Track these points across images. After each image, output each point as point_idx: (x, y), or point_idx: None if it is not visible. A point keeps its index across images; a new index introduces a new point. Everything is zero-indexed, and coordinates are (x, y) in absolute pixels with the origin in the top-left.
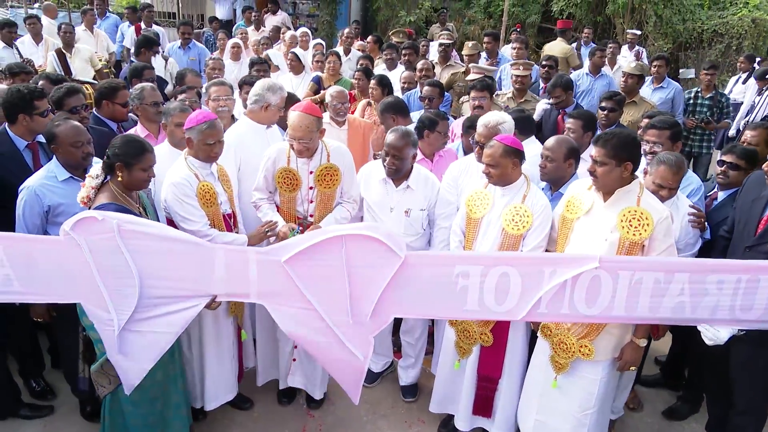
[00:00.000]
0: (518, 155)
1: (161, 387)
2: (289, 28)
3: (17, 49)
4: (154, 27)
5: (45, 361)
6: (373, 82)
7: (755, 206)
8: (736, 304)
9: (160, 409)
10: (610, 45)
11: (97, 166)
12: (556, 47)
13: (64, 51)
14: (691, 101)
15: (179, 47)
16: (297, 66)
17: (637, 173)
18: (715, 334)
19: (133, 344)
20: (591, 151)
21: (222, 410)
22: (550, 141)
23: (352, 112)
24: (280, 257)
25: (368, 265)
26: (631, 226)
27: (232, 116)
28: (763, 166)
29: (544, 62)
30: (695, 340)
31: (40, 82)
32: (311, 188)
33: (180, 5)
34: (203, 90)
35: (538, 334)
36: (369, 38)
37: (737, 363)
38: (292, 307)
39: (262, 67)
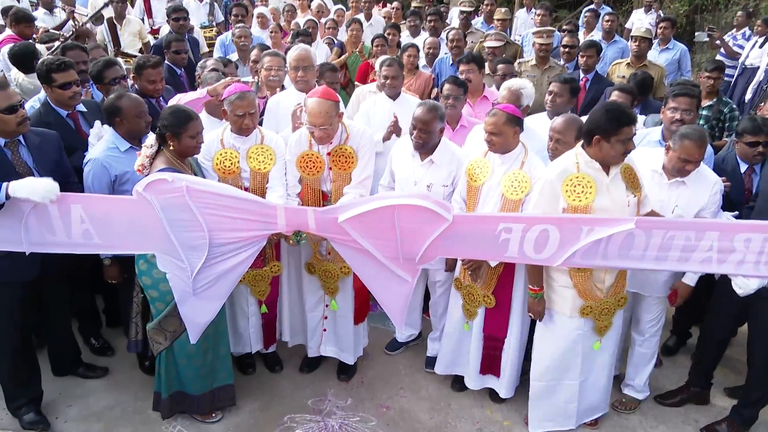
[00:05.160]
0: (519, 123)
1: (213, 339)
2: None
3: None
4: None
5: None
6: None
7: None
8: (761, 260)
9: (211, 359)
10: (607, 18)
11: (151, 136)
12: None
13: (115, 22)
14: None
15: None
16: (314, 34)
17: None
18: (744, 283)
19: (207, 283)
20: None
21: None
22: (559, 122)
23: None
24: (337, 216)
25: (418, 223)
26: (632, 181)
27: (283, 86)
28: None
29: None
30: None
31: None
32: (330, 169)
33: None
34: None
35: (573, 315)
36: (394, 4)
37: (761, 322)
38: (347, 244)
39: (306, 39)
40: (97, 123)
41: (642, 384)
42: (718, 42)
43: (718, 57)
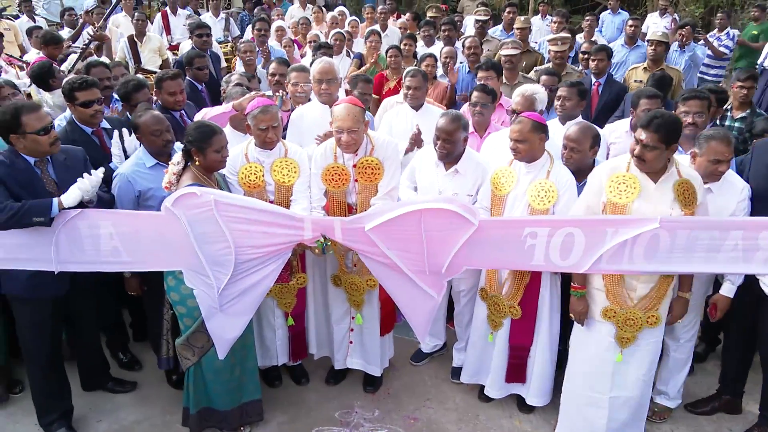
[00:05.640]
0: (544, 130)
1: (240, 354)
2: (320, 8)
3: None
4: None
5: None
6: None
7: None
8: None
9: (239, 375)
10: (630, 23)
11: (178, 153)
12: None
13: (136, 39)
14: (717, 122)
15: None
16: (339, 46)
17: (679, 161)
18: None
19: (233, 299)
20: (639, 134)
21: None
22: (574, 130)
23: (389, 93)
24: (363, 225)
25: (444, 230)
26: (685, 198)
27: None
28: None
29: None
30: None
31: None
32: (356, 181)
33: None
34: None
35: (599, 318)
36: (407, 15)
37: None
38: (374, 257)
39: (328, 51)
40: (115, 133)
41: (675, 391)
42: (702, 43)
43: (706, 60)
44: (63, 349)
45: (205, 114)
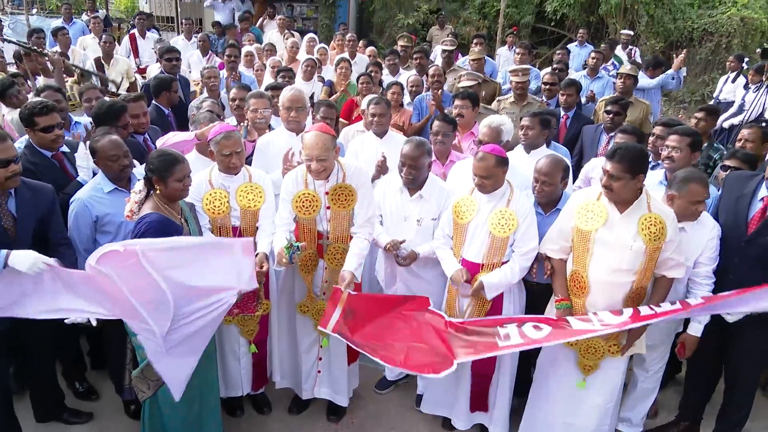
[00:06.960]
0: (507, 164)
1: (198, 390)
2: (293, 35)
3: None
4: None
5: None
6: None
7: (740, 203)
8: (755, 305)
9: (197, 410)
10: (593, 55)
11: (140, 182)
12: None
13: (103, 61)
14: None
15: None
16: (310, 73)
17: (655, 197)
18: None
19: (179, 343)
20: (605, 165)
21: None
22: (544, 163)
23: (359, 118)
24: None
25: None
26: (650, 232)
27: (269, 126)
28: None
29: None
30: None
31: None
32: (328, 208)
33: (179, 10)
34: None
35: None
36: (360, 43)
37: (743, 345)
38: None
39: (288, 74)
40: (81, 145)
41: (639, 419)
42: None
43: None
44: (10, 382)
45: (168, 139)
